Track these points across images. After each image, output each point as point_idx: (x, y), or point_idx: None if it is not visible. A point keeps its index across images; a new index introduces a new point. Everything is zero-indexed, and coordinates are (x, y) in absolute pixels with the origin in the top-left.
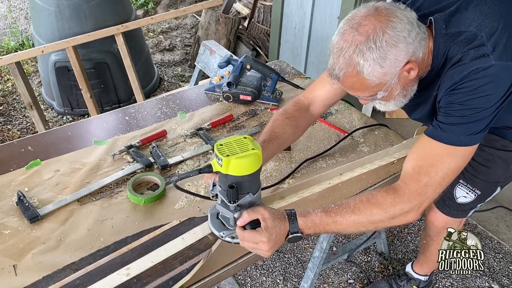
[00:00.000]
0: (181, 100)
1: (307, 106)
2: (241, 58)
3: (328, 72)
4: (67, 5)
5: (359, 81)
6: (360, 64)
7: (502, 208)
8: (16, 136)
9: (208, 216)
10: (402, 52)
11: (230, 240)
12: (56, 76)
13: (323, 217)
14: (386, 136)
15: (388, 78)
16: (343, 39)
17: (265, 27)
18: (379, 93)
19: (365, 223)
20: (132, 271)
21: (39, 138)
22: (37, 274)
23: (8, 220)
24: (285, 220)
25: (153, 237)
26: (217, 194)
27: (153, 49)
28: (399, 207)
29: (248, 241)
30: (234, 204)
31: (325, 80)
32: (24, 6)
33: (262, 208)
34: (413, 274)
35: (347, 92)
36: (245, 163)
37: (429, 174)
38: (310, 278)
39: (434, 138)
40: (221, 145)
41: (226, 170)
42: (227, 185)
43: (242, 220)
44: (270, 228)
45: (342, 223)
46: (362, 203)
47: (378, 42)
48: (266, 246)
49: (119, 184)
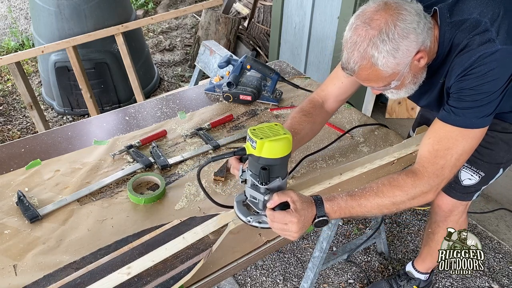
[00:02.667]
0: (181, 100)
1: (321, 103)
2: (241, 58)
3: (343, 66)
4: (67, 5)
5: (373, 72)
6: (374, 57)
7: (502, 209)
8: (16, 136)
9: (234, 203)
10: (413, 43)
11: (257, 224)
12: (56, 76)
13: (349, 200)
14: (386, 136)
15: (401, 68)
16: (356, 33)
17: (265, 27)
18: (392, 83)
19: (388, 205)
20: (133, 270)
21: (39, 138)
22: (37, 274)
23: (8, 220)
24: (312, 204)
25: (154, 237)
26: (245, 179)
27: (153, 49)
28: (419, 188)
29: (279, 221)
30: (265, 186)
31: (336, 77)
32: (24, 6)
33: (291, 191)
34: (413, 273)
35: (358, 87)
36: (277, 146)
37: (445, 157)
38: (310, 278)
39: (448, 122)
40: (254, 130)
41: (259, 153)
42: (260, 167)
43: (273, 202)
44: (299, 210)
45: (366, 206)
46: (385, 186)
47: (390, 35)
48: (296, 227)
49: (119, 184)
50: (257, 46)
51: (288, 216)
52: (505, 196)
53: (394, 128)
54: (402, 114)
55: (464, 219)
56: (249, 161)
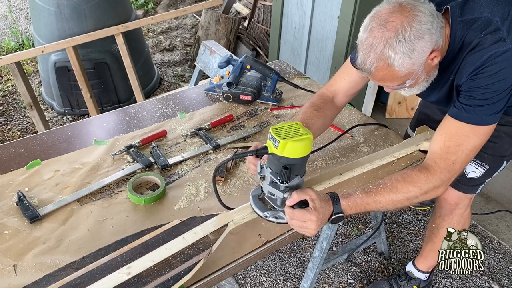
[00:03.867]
0: (181, 100)
1: (331, 98)
2: (241, 58)
3: (359, 67)
4: (67, 5)
5: (389, 73)
6: (391, 58)
7: (502, 208)
8: (16, 136)
9: (250, 197)
10: (427, 43)
11: (273, 220)
12: (56, 76)
13: (364, 197)
14: (386, 136)
15: (416, 67)
16: (372, 35)
17: (265, 27)
18: (407, 82)
19: (402, 200)
20: (133, 270)
21: (39, 138)
22: (37, 274)
23: (8, 220)
24: (329, 201)
25: (154, 236)
26: (264, 176)
27: (153, 49)
28: (432, 183)
29: (298, 219)
30: (285, 184)
31: (346, 72)
32: (24, 6)
33: (310, 189)
34: (414, 272)
35: (367, 81)
36: (300, 146)
37: (456, 153)
38: (310, 278)
39: (459, 119)
40: (276, 129)
41: (281, 152)
42: (281, 166)
43: (292, 200)
44: (318, 208)
45: (381, 202)
46: (399, 182)
47: (406, 36)
48: (314, 225)
49: (119, 184)
50: (257, 46)
51: (307, 214)
52: (505, 196)
53: (394, 128)
54: (402, 114)
55: (468, 213)
56: (269, 159)
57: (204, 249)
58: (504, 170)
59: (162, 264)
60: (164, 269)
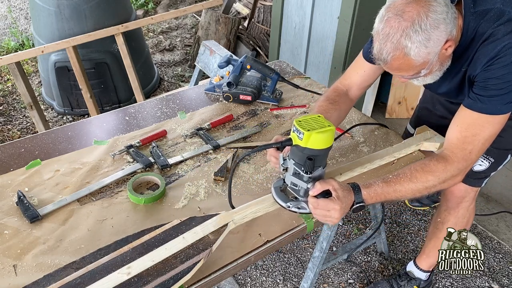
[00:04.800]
0: (181, 100)
1: (345, 91)
2: (241, 58)
3: (375, 57)
4: (67, 5)
5: (405, 62)
6: (407, 47)
7: (502, 208)
8: (16, 136)
9: (272, 189)
10: (442, 32)
11: (296, 210)
12: (56, 76)
13: (384, 187)
14: (386, 136)
15: (431, 57)
16: (388, 25)
17: (265, 27)
18: (422, 71)
19: (421, 189)
20: (133, 270)
21: (39, 138)
22: (37, 274)
23: (8, 220)
24: (351, 191)
25: (154, 236)
26: (287, 167)
27: (153, 49)
28: (450, 173)
29: (322, 208)
30: (308, 175)
31: (359, 66)
32: (24, 6)
33: (332, 179)
34: (414, 272)
35: (379, 74)
36: (323, 137)
37: (472, 142)
38: (310, 278)
39: (475, 110)
40: (300, 121)
41: (305, 144)
42: (305, 157)
43: (315, 190)
44: (341, 197)
45: (401, 191)
46: (418, 172)
47: (423, 25)
48: (338, 214)
49: (119, 184)
50: (257, 46)
51: (331, 203)
52: (505, 196)
53: (394, 128)
54: (402, 114)
55: (473, 207)
56: (292, 151)
57: (204, 249)
58: (504, 170)
59: (162, 264)
60: (164, 269)
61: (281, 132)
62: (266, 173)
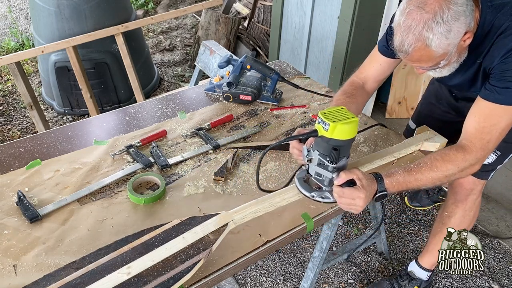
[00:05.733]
0: (181, 100)
1: (362, 84)
2: (241, 58)
3: (396, 49)
4: (67, 5)
5: (426, 53)
6: (429, 38)
7: (502, 208)
8: (16, 136)
9: (295, 180)
10: (462, 24)
11: (320, 199)
12: (56, 76)
13: (406, 176)
14: (386, 136)
15: (451, 48)
16: (410, 17)
17: (265, 27)
18: (441, 62)
19: (441, 178)
20: (133, 270)
21: (39, 138)
22: (37, 274)
23: (8, 220)
24: (374, 180)
25: (154, 236)
26: (311, 158)
27: (153, 49)
28: (468, 162)
29: (347, 197)
30: (333, 165)
31: (374, 60)
32: (24, 6)
33: (356, 169)
34: (416, 272)
35: (394, 67)
36: (348, 128)
37: (490, 133)
38: (310, 278)
39: (492, 101)
40: (325, 113)
41: (331, 135)
42: (330, 147)
43: (340, 179)
44: (365, 186)
45: (422, 180)
46: (438, 161)
47: (444, 17)
48: (362, 202)
49: (119, 184)
50: (257, 46)
51: (356, 192)
52: (505, 196)
53: (394, 128)
54: (402, 114)
55: (479, 201)
56: (316, 142)
57: (204, 249)
58: (504, 170)
59: (162, 264)
60: (164, 269)
61: (281, 132)
62: (266, 173)
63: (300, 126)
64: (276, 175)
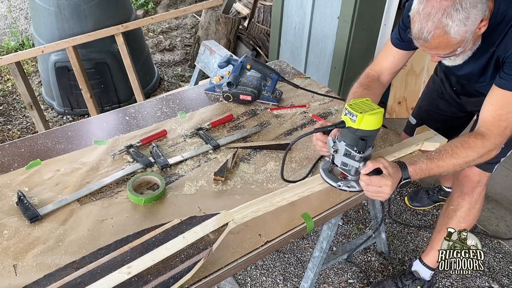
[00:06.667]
0: (181, 100)
1: (377, 77)
2: (241, 58)
3: (415, 36)
4: (67, 5)
5: (444, 40)
6: (448, 25)
7: (502, 208)
8: (16, 136)
9: (321, 171)
10: (479, 11)
11: (346, 189)
12: (56, 76)
13: (428, 163)
14: (385, 136)
15: (467, 35)
16: (429, 5)
17: (265, 27)
18: (458, 49)
19: (462, 164)
20: (133, 270)
21: (39, 138)
22: (37, 274)
23: (8, 220)
24: (398, 168)
25: (154, 236)
26: (337, 149)
27: (153, 49)
28: (487, 148)
29: (375, 185)
30: (360, 154)
31: (388, 52)
32: (24, 6)
33: (382, 158)
34: (420, 272)
35: (408, 59)
36: (375, 119)
37: (507, 119)
38: (310, 278)
39: (508, 89)
40: (351, 105)
41: (358, 125)
42: (358, 138)
43: (367, 168)
44: (392, 174)
45: (443, 167)
46: (458, 148)
47: (463, 4)
48: (389, 189)
49: (119, 184)
50: (257, 46)
51: (383, 180)
52: (505, 196)
53: (394, 128)
54: (402, 114)
55: (483, 195)
56: (342, 133)
57: (204, 248)
58: (504, 170)
59: (162, 263)
60: (164, 268)
61: (281, 132)
62: (266, 173)
63: (300, 126)
64: (276, 175)
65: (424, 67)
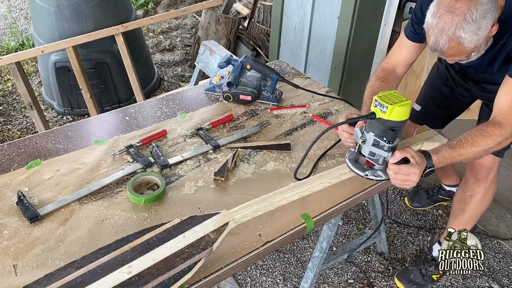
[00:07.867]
0: (181, 100)
1: (393, 70)
2: (241, 58)
3: (431, 48)
4: (67, 5)
5: (459, 49)
6: (462, 37)
7: (502, 208)
8: (16, 136)
9: (347, 161)
10: (490, 20)
11: (373, 177)
12: (56, 76)
13: (450, 152)
14: None
15: (480, 41)
16: (442, 21)
17: (265, 27)
18: (472, 54)
19: (481, 152)
20: (134, 269)
21: (39, 138)
22: (37, 274)
23: (8, 220)
24: (423, 158)
25: (154, 236)
26: (365, 139)
27: (153, 49)
28: (504, 136)
29: (403, 173)
30: (390, 144)
31: (402, 46)
32: (24, 6)
33: (408, 148)
34: None
35: (421, 51)
36: (404, 110)
37: None
38: (310, 278)
39: None
40: (381, 97)
41: (388, 116)
42: (388, 128)
43: (395, 157)
44: (419, 163)
45: (464, 154)
46: (477, 137)
47: (474, 17)
48: (416, 177)
49: (119, 184)
50: (257, 46)
51: (412, 168)
52: (505, 196)
53: None
54: None
55: (496, 179)
56: (371, 124)
57: (205, 248)
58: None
59: (162, 263)
60: (164, 268)
61: (281, 132)
62: (266, 173)
63: (300, 127)
64: (276, 175)
65: (424, 67)
